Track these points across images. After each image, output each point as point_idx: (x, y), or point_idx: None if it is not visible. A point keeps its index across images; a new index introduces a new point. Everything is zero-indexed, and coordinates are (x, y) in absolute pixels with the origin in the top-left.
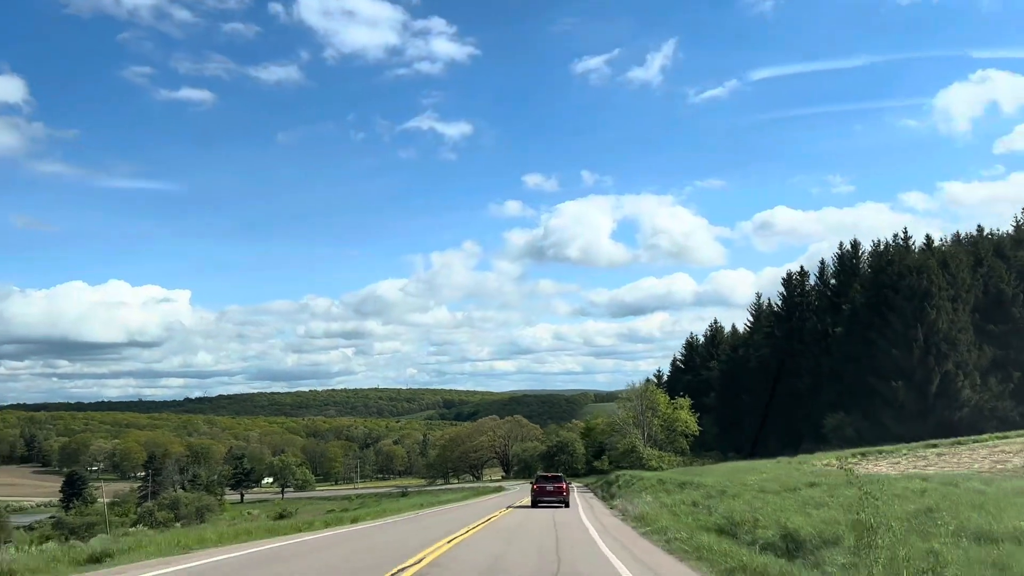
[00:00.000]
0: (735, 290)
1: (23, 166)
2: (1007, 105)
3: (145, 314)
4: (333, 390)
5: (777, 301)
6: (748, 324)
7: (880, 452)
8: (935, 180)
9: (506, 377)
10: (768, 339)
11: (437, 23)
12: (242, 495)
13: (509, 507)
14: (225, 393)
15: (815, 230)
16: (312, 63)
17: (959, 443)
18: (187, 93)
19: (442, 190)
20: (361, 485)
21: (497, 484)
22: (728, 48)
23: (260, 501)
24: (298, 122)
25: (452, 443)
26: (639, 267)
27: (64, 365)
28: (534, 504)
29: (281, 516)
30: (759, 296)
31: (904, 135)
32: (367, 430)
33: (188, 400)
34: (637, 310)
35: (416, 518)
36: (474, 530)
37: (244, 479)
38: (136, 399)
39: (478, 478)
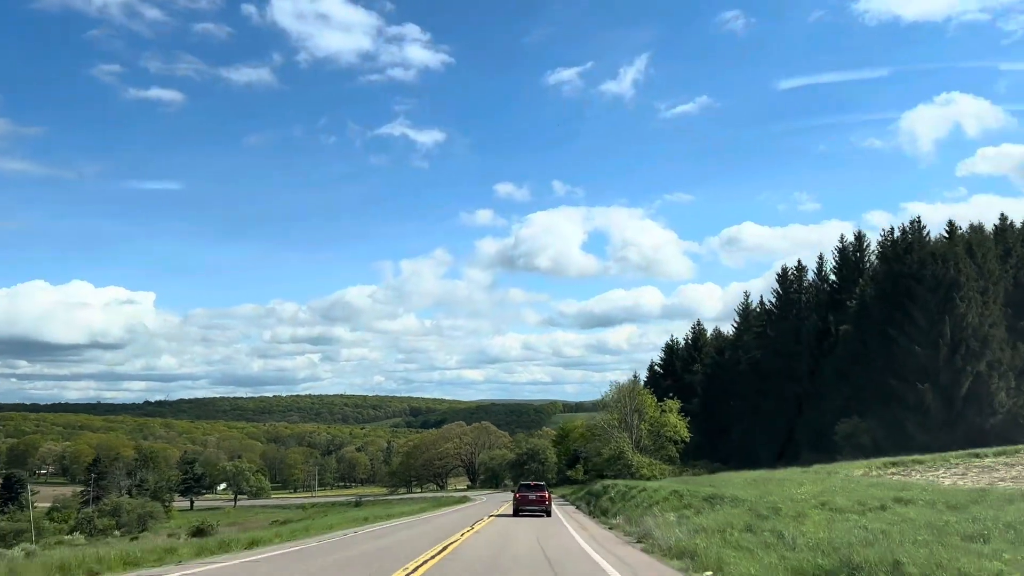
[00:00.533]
0: (703, 304)
1: None
2: (970, 128)
3: (108, 315)
4: (298, 396)
5: (770, 299)
6: (735, 324)
7: (917, 462)
8: (899, 200)
9: (474, 386)
10: (760, 340)
11: (411, 30)
12: (192, 502)
13: (475, 524)
14: (187, 397)
15: (781, 246)
16: (285, 66)
17: (1003, 452)
18: (157, 93)
19: (413, 197)
20: (319, 493)
21: (462, 494)
22: (698, 65)
23: (211, 509)
24: (269, 125)
25: (416, 450)
26: (608, 279)
27: (23, 366)
28: (516, 512)
29: (199, 531)
30: (747, 295)
31: (869, 155)
32: (330, 436)
33: (147, 403)
34: (605, 322)
35: (347, 542)
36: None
37: (195, 485)
38: (95, 402)
39: (442, 487)
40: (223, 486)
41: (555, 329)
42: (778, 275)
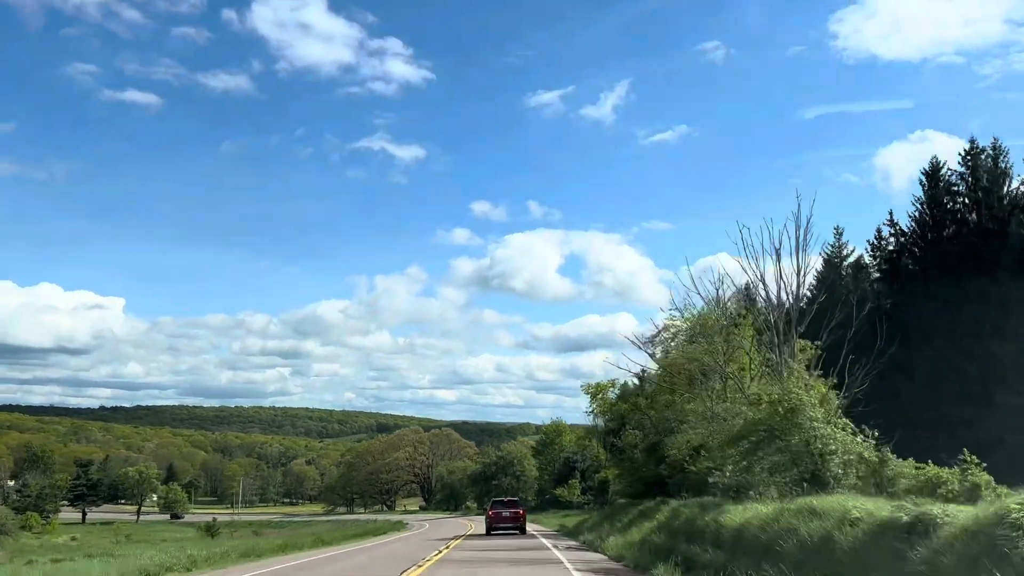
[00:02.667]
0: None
1: None
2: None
3: (75, 320)
4: (260, 407)
5: (913, 212)
6: (819, 276)
7: None
8: (873, 237)
9: (446, 407)
10: (884, 288)
11: (394, 44)
12: (84, 513)
13: None
14: (144, 404)
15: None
16: (263, 74)
17: None
18: (132, 95)
19: (390, 213)
20: (246, 511)
21: (398, 519)
22: (677, 93)
23: (105, 522)
24: (245, 133)
25: (359, 460)
26: (584, 303)
27: None
28: (489, 531)
29: None
30: (840, 231)
31: (844, 190)
32: (283, 448)
33: (103, 409)
34: (580, 346)
35: None
36: None
37: (88, 493)
38: (48, 405)
39: (390, 507)
40: (154, 496)
41: (529, 352)
42: (923, 175)
